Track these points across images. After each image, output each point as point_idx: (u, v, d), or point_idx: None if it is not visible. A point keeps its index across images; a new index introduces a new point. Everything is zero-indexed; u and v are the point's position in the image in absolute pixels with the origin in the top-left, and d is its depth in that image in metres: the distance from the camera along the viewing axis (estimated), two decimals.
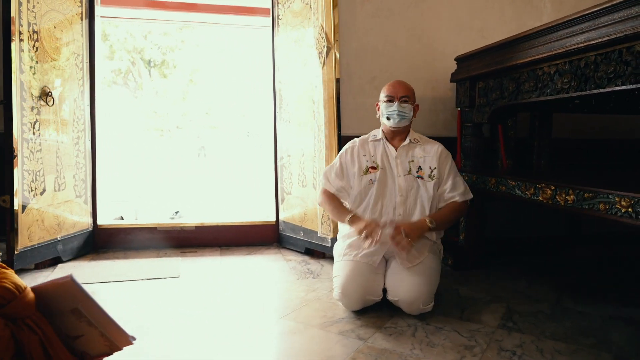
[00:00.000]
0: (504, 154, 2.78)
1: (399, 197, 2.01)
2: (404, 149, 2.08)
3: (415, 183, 2.03)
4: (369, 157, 2.08)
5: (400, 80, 2.12)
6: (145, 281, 2.34)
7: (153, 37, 13.85)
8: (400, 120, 2.04)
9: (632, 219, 1.46)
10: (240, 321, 1.85)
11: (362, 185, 2.04)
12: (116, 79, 13.95)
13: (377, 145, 2.12)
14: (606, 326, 1.83)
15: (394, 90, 2.06)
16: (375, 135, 2.15)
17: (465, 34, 2.94)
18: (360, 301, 1.89)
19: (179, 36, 13.99)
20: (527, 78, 2.03)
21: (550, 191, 1.84)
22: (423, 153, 2.09)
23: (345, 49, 2.76)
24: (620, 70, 1.56)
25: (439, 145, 2.13)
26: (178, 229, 3.02)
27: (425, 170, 2.06)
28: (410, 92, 2.09)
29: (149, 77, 14.29)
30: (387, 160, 2.08)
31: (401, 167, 2.05)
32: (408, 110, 2.06)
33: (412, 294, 1.85)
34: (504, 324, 1.84)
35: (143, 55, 14.01)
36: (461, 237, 2.63)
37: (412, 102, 2.09)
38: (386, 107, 2.06)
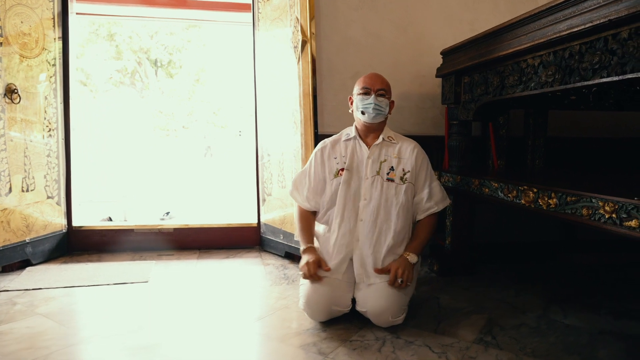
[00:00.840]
0: (494, 154, 2.62)
1: (362, 201, 1.87)
2: (377, 148, 1.93)
3: (383, 186, 1.87)
4: (339, 159, 1.94)
5: (377, 73, 1.98)
6: (110, 286, 2.24)
7: (159, 37, 13.87)
8: (377, 115, 1.89)
9: (616, 226, 1.31)
10: (196, 332, 1.73)
11: (333, 189, 1.91)
12: (123, 79, 13.98)
13: (348, 145, 1.96)
14: (594, 342, 1.67)
15: (370, 82, 1.91)
16: (348, 133, 2.00)
17: (456, 26, 2.78)
18: (325, 312, 1.75)
19: (185, 36, 13.99)
20: (511, 71, 1.88)
21: (533, 194, 1.68)
22: (397, 153, 1.93)
23: (325, 43, 2.62)
24: (606, 61, 1.40)
25: (414, 146, 1.96)
26: (156, 231, 2.92)
27: (397, 173, 1.89)
28: (387, 86, 1.95)
29: (156, 77, 14.30)
30: (357, 160, 1.93)
31: (370, 168, 1.89)
32: (384, 105, 1.91)
33: (381, 305, 1.71)
34: (482, 338, 1.69)
35: (149, 55, 14.03)
36: (447, 241, 2.48)
37: (389, 97, 1.94)
38: (361, 100, 1.90)
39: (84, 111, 12.07)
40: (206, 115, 15.04)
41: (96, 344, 1.61)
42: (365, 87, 1.90)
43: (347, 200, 1.87)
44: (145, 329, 1.75)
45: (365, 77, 1.95)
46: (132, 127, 13.09)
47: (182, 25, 13.55)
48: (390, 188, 1.87)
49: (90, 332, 1.71)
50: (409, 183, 1.89)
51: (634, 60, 1.30)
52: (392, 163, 1.91)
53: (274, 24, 2.60)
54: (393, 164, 1.91)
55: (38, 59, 2.52)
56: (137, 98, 14.15)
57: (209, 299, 2.09)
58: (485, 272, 2.48)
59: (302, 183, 2.00)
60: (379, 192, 1.86)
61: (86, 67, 12.60)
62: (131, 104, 13.83)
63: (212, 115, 14.82)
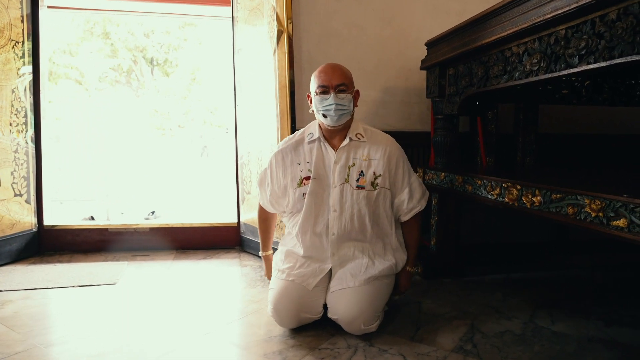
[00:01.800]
0: (483, 151, 2.50)
1: (332, 213, 1.69)
2: (344, 150, 1.71)
3: (353, 195, 1.69)
4: (304, 165, 1.72)
5: (334, 64, 1.70)
6: (75, 289, 2.12)
7: (155, 35, 13.75)
8: (340, 116, 1.65)
9: (603, 225, 1.19)
10: (155, 338, 1.61)
11: (296, 198, 1.72)
12: (119, 78, 13.87)
13: (313, 148, 1.73)
14: (582, 351, 1.55)
15: (327, 78, 1.64)
16: (311, 133, 1.75)
17: (442, 17, 2.66)
18: (294, 319, 1.63)
19: (181, 34, 13.87)
20: (495, 61, 1.76)
21: (517, 191, 1.56)
22: (368, 154, 1.72)
23: (305, 34, 2.50)
24: (593, 45, 1.28)
25: (386, 144, 1.74)
26: (131, 230, 2.80)
27: (367, 178, 1.70)
28: (348, 77, 1.69)
29: (151, 76, 14.19)
30: (323, 166, 1.71)
31: (339, 175, 1.69)
32: (347, 101, 1.65)
33: (352, 312, 1.58)
34: (462, 346, 1.57)
35: (145, 54, 13.91)
36: (432, 242, 2.36)
37: (351, 89, 1.69)
38: (320, 100, 1.64)
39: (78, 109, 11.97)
40: (203, 115, 14.91)
41: (42, 351, 1.50)
42: (322, 86, 1.64)
43: (316, 213, 1.70)
44: (100, 335, 1.63)
45: (320, 73, 1.68)
46: (127, 126, 12.97)
47: (177, 23, 13.43)
48: (361, 196, 1.69)
49: (40, 339, 1.59)
50: (382, 188, 1.71)
51: (622, 44, 1.18)
52: (361, 167, 1.70)
53: (252, 14, 2.48)
54: (363, 168, 1.70)
55: (4, 52, 2.40)
56: (133, 97, 14.04)
57: (177, 303, 1.97)
58: (472, 274, 2.36)
59: (264, 182, 1.82)
60: (349, 202, 1.69)
61: (81, 66, 12.49)
62: (127, 102, 13.72)
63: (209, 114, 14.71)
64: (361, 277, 1.65)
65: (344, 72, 1.69)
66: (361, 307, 1.58)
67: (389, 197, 1.74)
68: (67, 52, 12.25)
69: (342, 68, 1.70)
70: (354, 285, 1.64)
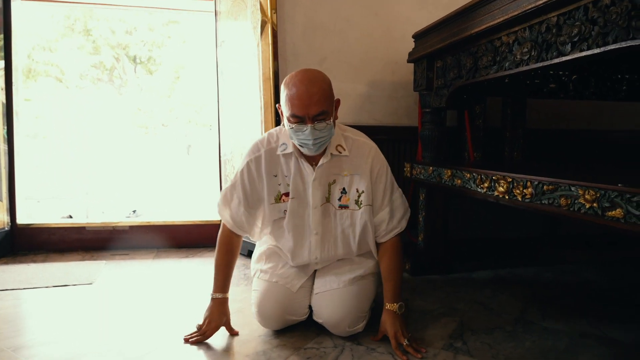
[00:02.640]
0: (470, 145, 2.47)
1: (313, 236, 1.55)
2: (324, 168, 1.52)
3: (336, 216, 1.56)
4: (281, 178, 1.53)
5: (308, 82, 1.35)
6: (48, 289, 2.02)
7: (138, 32, 13.52)
8: (320, 146, 1.44)
9: (598, 217, 1.15)
10: (130, 341, 1.53)
11: (273, 216, 1.55)
12: (101, 76, 13.61)
13: (288, 161, 1.53)
14: (574, 346, 1.51)
15: (302, 106, 1.34)
16: (284, 145, 1.52)
17: (430, 10, 2.62)
18: (279, 322, 1.56)
19: (165, 32, 13.66)
20: (484, 51, 1.72)
21: (507, 184, 1.52)
22: (349, 168, 1.54)
23: (290, 26, 2.44)
24: (586, 32, 1.24)
25: (370, 156, 1.56)
26: (110, 228, 2.70)
27: (350, 195, 1.55)
28: (328, 99, 1.39)
29: (134, 73, 13.95)
30: (301, 183, 1.52)
31: (319, 194, 1.52)
32: (328, 129, 1.41)
33: (337, 315, 1.52)
34: (451, 344, 1.52)
35: (128, 52, 13.67)
36: (420, 238, 2.32)
37: (331, 110, 1.42)
38: (295, 132, 1.39)
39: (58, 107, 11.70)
40: (187, 113, 14.72)
41: (10, 355, 1.40)
42: (297, 117, 1.36)
43: (297, 235, 1.56)
44: (75, 337, 1.54)
45: (293, 98, 1.35)
46: (109, 125, 12.72)
47: (161, 20, 13.24)
48: (345, 217, 1.55)
49: (9, 342, 1.50)
50: (367, 206, 1.54)
51: (617, 29, 1.14)
52: (343, 184, 1.54)
53: (236, 5, 2.41)
54: (344, 185, 1.54)
55: None
56: (115, 95, 13.79)
57: (157, 303, 1.89)
58: (461, 270, 2.32)
59: (233, 200, 1.56)
60: (332, 224, 1.56)
61: (61, 63, 12.22)
62: (109, 101, 13.47)
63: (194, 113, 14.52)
64: (345, 277, 1.58)
65: (323, 94, 1.37)
66: (346, 310, 1.52)
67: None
68: (47, 48, 11.97)
69: (319, 88, 1.36)
70: (338, 286, 1.56)
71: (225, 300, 1.57)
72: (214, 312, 1.54)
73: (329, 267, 1.63)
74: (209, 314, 1.54)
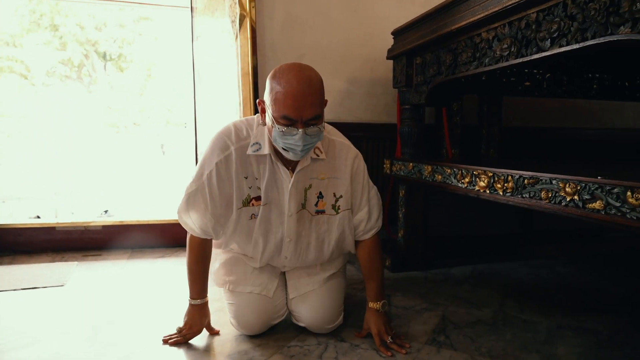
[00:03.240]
0: (448, 142, 2.49)
1: (286, 243, 1.44)
2: (302, 174, 1.41)
3: (312, 222, 1.46)
4: (252, 181, 1.38)
5: (303, 81, 1.20)
6: (18, 292, 1.93)
7: (108, 29, 13.19)
8: (306, 153, 1.31)
9: (579, 208, 1.17)
10: (111, 342, 1.47)
11: (241, 220, 1.40)
12: (69, 73, 13.22)
13: (261, 162, 1.37)
14: (552, 338, 1.54)
15: (296, 108, 1.19)
16: (258, 144, 1.35)
17: (408, 7, 2.63)
18: (263, 328, 1.52)
19: (137, 28, 13.38)
20: (464, 47, 1.74)
21: (488, 179, 1.54)
22: (327, 171, 1.44)
23: (268, 21, 2.40)
24: (565, 27, 1.26)
25: (347, 158, 1.47)
26: (81, 228, 2.60)
27: (327, 200, 1.45)
28: (321, 101, 1.26)
29: (104, 71, 13.59)
30: (275, 188, 1.39)
31: (295, 201, 1.40)
32: (318, 134, 1.27)
33: (318, 315, 1.51)
34: (435, 338, 1.53)
35: (98, 48, 13.32)
36: (400, 234, 2.32)
37: (323, 114, 1.29)
38: (282, 135, 1.23)
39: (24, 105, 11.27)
40: (160, 112, 14.44)
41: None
42: (288, 118, 1.21)
43: (267, 242, 1.45)
44: (46, 341, 1.47)
45: (286, 97, 1.19)
46: (78, 123, 12.35)
47: (132, 16, 12.95)
48: (322, 222, 1.47)
49: None
50: (345, 210, 1.48)
51: (596, 25, 1.17)
52: (319, 187, 1.44)
53: (213, 0, 2.36)
54: (321, 189, 1.44)
55: None
56: (84, 93, 13.39)
57: (133, 304, 1.82)
58: (440, 266, 2.34)
59: (197, 206, 1.38)
60: (307, 230, 1.46)
61: (26, 59, 11.77)
62: (78, 98, 13.06)
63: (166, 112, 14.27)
64: (318, 277, 1.56)
65: (319, 96, 1.24)
66: (325, 308, 1.51)
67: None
68: (11, 44, 11.50)
69: (317, 90, 1.23)
70: (314, 287, 1.55)
71: (205, 303, 1.50)
72: (195, 317, 1.48)
73: (298, 269, 1.58)
74: (190, 319, 1.48)
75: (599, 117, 3.10)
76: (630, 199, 1.03)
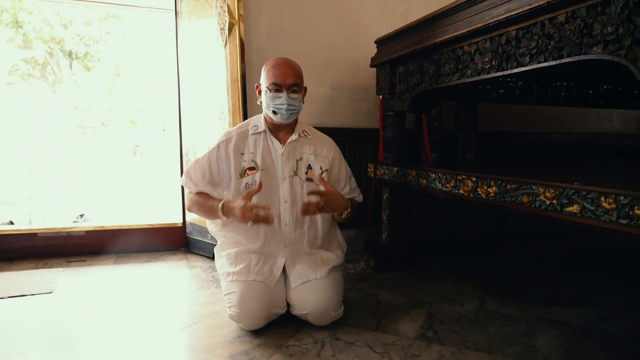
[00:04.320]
0: (428, 147, 2.61)
1: (283, 204, 1.71)
2: (292, 145, 1.75)
3: (303, 187, 1.73)
4: (247, 155, 1.71)
5: (287, 61, 1.71)
6: (6, 300, 1.91)
7: (74, 27, 12.77)
8: (291, 115, 1.69)
9: (557, 212, 1.28)
10: (109, 347, 1.49)
11: (241, 189, 1.68)
12: (32, 72, 12.72)
13: (258, 140, 1.73)
14: (531, 330, 1.66)
15: (281, 76, 1.65)
16: (256, 126, 1.75)
17: (389, 16, 2.73)
18: (265, 317, 1.60)
19: (104, 26, 13.01)
20: (447, 59, 1.84)
21: (472, 183, 1.64)
22: (314, 150, 1.79)
23: (255, 29, 2.45)
24: (543, 45, 1.38)
25: (330, 143, 1.85)
26: (64, 234, 2.58)
27: (315, 171, 1.76)
28: (300, 76, 1.71)
29: (70, 69, 13.17)
30: (270, 158, 1.73)
31: (287, 168, 1.72)
32: (298, 101, 1.69)
33: (322, 302, 1.61)
34: (424, 334, 1.62)
35: (63, 46, 12.87)
36: (384, 236, 2.42)
37: (302, 87, 1.72)
38: (272, 98, 1.65)
39: None
40: (128, 112, 14.10)
41: None
42: (276, 84, 1.65)
43: (267, 204, 1.66)
44: (40, 349, 1.48)
45: (274, 69, 1.67)
46: (43, 124, 11.93)
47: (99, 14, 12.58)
48: (312, 188, 1.69)
49: None
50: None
51: (571, 44, 1.28)
52: (309, 161, 1.77)
53: (199, 6, 2.39)
54: (310, 162, 1.77)
55: None
56: (49, 92, 12.95)
57: (126, 309, 1.84)
58: (422, 266, 2.45)
59: (196, 174, 1.74)
60: (299, 193, 1.72)
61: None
62: (42, 98, 12.62)
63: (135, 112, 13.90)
64: (322, 269, 1.69)
65: (297, 71, 1.70)
66: (329, 296, 1.62)
67: None
68: None
69: (295, 66, 1.71)
70: (316, 277, 1.66)
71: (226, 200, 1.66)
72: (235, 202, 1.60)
73: (301, 264, 1.70)
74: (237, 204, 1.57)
75: (565, 123, 3.29)
76: (604, 203, 1.14)
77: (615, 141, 3.44)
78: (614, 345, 1.56)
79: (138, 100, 13.44)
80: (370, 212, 2.66)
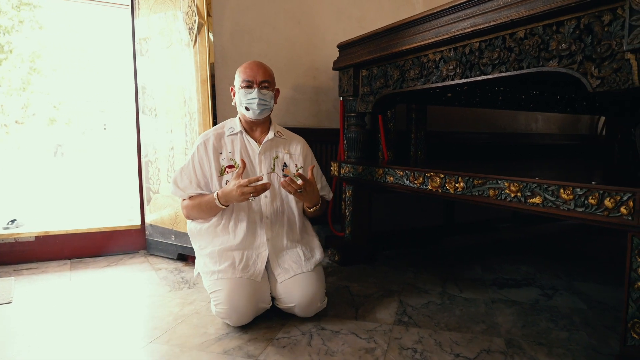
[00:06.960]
0: (384, 146, 2.77)
1: (264, 199, 1.80)
2: (268, 144, 1.85)
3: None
4: (225, 154, 1.80)
5: (258, 62, 1.85)
6: None
7: None
8: (262, 110, 1.79)
9: (521, 203, 1.47)
10: (96, 353, 1.46)
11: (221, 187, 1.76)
12: None
13: (235, 140, 1.83)
14: (491, 310, 1.87)
15: (252, 73, 1.78)
16: (232, 128, 1.84)
17: (345, 21, 2.86)
18: (253, 312, 1.65)
19: (16, 15, 11.93)
20: (412, 65, 1.99)
21: (440, 179, 1.81)
22: (288, 150, 1.90)
23: (218, 29, 2.46)
24: (504, 57, 1.56)
25: (303, 143, 1.96)
26: (11, 240, 2.41)
27: (291, 169, 1.88)
28: (271, 75, 1.84)
29: None
30: (247, 156, 1.82)
31: (265, 165, 1.83)
32: (269, 97, 1.81)
33: (309, 294, 1.69)
34: (400, 319, 1.76)
35: None
36: (347, 231, 2.54)
37: (273, 87, 1.84)
38: (244, 94, 1.77)
39: None
40: (46, 110, 13.09)
41: None
42: (247, 80, 1.77)
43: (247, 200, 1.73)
44: (32, 354, 1.42)
45: (246, 68, 1.80)
46: None
47: (11, 1, 11.54)
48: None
49: None
50: None
51: (529, 57, 1.47)
52: (284, 159, 1.88)
53: (160, 3, 2.35)
54: (285, 161, 1.88)
55: None
56: None
57: (100, 314, 1.79)
58: (382, 258, 2.60)
59: (183, 181, 1.79)
60: (278, 188, 1.83)
61: None
62: None
63: (53, 109, 12.87)
64: (307, 264, 1.76)
65: (268, 70, 1.83)
66: (315, 288, 1.71)
67: None
68: None
69: (266, 67, 1.84)
70: (302, 271, 1.73)
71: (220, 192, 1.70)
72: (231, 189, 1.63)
73: (284, 258, 1.77)
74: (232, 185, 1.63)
75: (499, 123, 3.63)
76: (563, 194, 1.34)
77: (539, 140, 3.86)
78: (560, 318, 1.80)
79: (58, 96, 12.53)
80: (330, 209, 2.77)
